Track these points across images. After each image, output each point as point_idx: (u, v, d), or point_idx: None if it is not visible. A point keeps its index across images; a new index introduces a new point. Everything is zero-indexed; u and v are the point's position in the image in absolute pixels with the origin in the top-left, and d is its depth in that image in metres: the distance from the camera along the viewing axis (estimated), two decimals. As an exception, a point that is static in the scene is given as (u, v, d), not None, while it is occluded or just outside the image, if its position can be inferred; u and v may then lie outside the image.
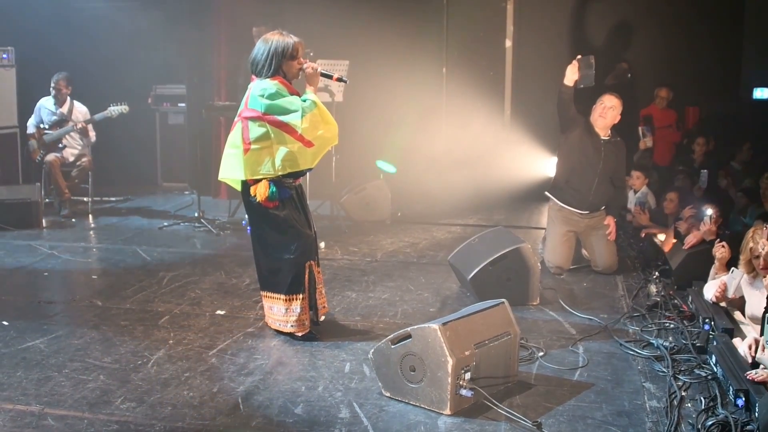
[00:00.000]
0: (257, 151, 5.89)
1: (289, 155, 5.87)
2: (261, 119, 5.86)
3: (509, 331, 5.18)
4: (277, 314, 6.14)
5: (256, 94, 5.90)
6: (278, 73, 5.97)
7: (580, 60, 7.80)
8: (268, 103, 5.84)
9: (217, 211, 10.86)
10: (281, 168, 5.89)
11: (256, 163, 5.91)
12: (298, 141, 5.84)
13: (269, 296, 6.17)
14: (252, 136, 5.89)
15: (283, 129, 5.84)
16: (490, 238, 7.44)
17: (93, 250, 9.16)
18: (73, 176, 10.90)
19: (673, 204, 9.28)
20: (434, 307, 7.04)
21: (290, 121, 5.82)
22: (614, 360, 5.75)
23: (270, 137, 5.87)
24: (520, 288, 7.01)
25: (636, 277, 7.96)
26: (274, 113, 5.84)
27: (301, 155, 5.91)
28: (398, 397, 4.97)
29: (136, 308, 6.89)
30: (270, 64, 5.94)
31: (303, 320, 6.08)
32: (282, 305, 6.08)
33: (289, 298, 6.05)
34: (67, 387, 5.15)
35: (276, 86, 5.89)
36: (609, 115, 8.00)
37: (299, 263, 6.03)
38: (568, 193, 8.17)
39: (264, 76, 5.96)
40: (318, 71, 6.12)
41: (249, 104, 5.95)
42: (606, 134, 8.08)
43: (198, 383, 5.25)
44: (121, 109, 10.68)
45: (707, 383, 5.23)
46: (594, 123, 8.07)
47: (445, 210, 11.51)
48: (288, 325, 6.09)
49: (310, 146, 5.88)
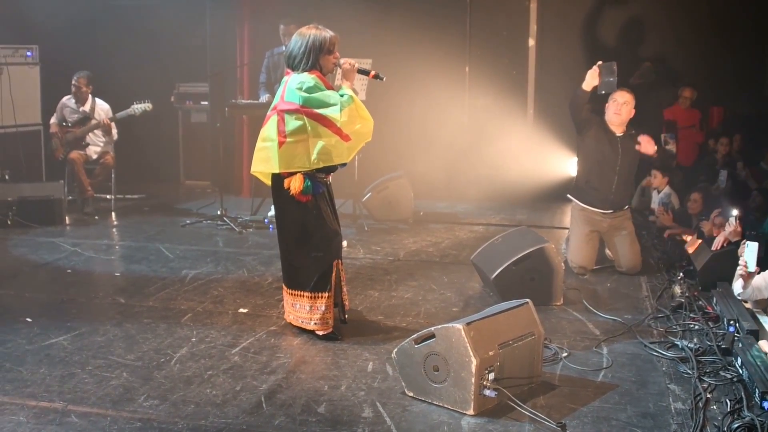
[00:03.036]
0: (292, 144, 5.89)
1: (325, 149, 5.87)
2: (298, 112, 5.86)
3: (533, 332, 5.16)
4: (300, 311, 6.13)
5: (294, 87, 5.90)
6: (315, 67, 5.99)
7: (601, 66, 7.74)
8: (307, 96, 5.84)
9: (239, 209, 10.88)
10: (317, 161, 5.88)
11: (291, 156, 5.90)
12: (335, 134, 5.84)
13: (293, 293, 6.16)
14: (288, 128, 5.88)
15: (321, 122, 5.83)
16: (514, 238, 7.41)
17: (116, 248, 9.20)
18: (96, 174, 10.93)
19: (697, 204, 9.25)
20: (457, 306, 7.02)
21: (329, 114, 5.82)
22: (638, 361, 5.71)
23: (306, 130, 5.86)
24: (544, 288, 6.98)
25: (660, 278, 7.90)
26: (313, 106, 5.84)
27: (337, 149, 5.90)
28: (421, 397, 4.96)
29: (159, 306, 6.90)
30: (307, 58, 5.95)
31: (327, 319, 6.08)
32: (306, 302, 6.08)
33: (314, 295, 6.04)
34: (91, 384, 5.17)
35: (314, 80, 5.90)
36: (624, 111, 7.96)
37: (327, 261, 6.04)
38: (589, 193, 8.13)
39: (301, 70, 5.97)
40: (355, 67, 6.15)
41: (286, 97, 5.94)
42: (622, 131, 8.04)
43: (221, 381, 5.25)
44: (145, 106, 10.71)
45: (733, 385, 5.19)
46: (610, 122, 8.03)
47: (468, 209, 11.51)
48: (311, 323, 6.09)
49: (347, 140, 5.89)
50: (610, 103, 8.01)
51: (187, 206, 11.68)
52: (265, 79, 10.62)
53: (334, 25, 10.25)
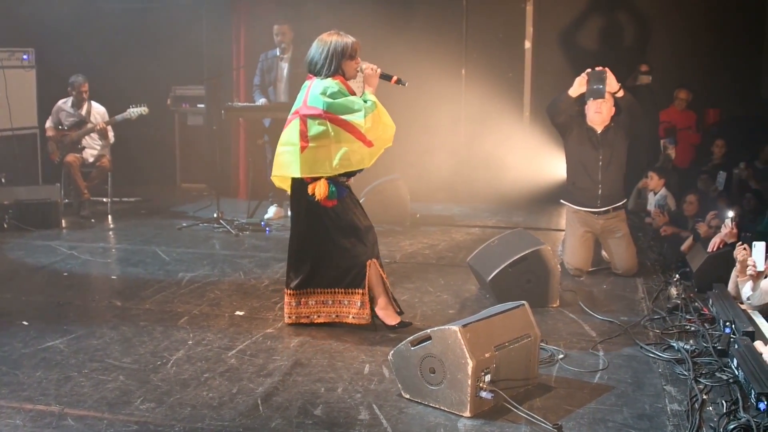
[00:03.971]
0: (315, 149, 5.93)
1: (347, 154, 5.91)
2: (321, 117, 5.90)
3: (529, 333, 5.16)
4: (336, 306, 6.24)
5: (318, 92, 5.93)
6: (338, 72, 6.03)
7: (590, 73, 7.75)
8: (331, 101, 5.89)
9: (236, 212, 10.89)
10: (339, 167, 5.93)
11: (313, 160, 5.94)
12: (359, 140, 5.89)
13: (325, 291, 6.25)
14: (311, 133, 5.92)
15: (345, 128, 5.88)
16: (510, 240, 7.42)
17: (112, 251, 9.19)
18: (92, 177, 10.93)
19: (693, 206, 9.26)
20: (453, 308, 7.02)
21: (353, 120, 5.86)
22: (634, 363, 5.72)
23: (329, 135, 5.90)
24: (540, 290, 6.98)
25: (656, 280, 7.91)
26: (337, 112, 5.88)
27: (360, 155, 5.96)
28: (418, 399, 4.96)
29: (156, 309, 6.90)
30: (330, 64, 6.00)
31: (362, 314, 6.17)
32: (343, 298, 6.20)
33: (348, 291, 6.16)
34: (87, 387, 5.16)
35: (338, 85, 5.95)
36: (604, 109, 7.96)
37: (362, 259, 6.13)
38: (578, 194, 8.15)
39: (324, 75, 6.01)
40: (378, 72, 6.17)
41: (309, 102, 5.98)
42: (602, 128, 8.04)
43: (217, 384, 5.25)
44: (141, 110, 10.72)
45: (729, 387, 5.20)
46: (591, 121, 8.04)
47: (464, 211, 11.52)
48: (350, 317, 6.21)
49: (370, 146, 5.96)
50: (590, 104, 8.01)
51: (183, 209, 11.68)
52: (259, 82, 10.62)
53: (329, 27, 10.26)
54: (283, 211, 10.94)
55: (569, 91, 7.89)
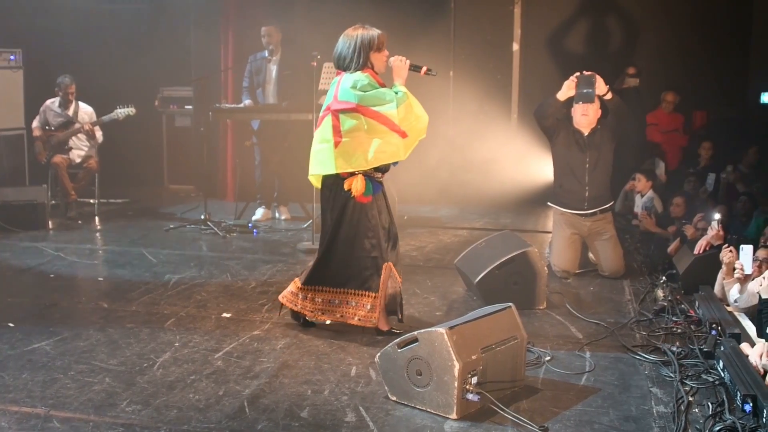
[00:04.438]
0: (349, 144, 5.90)
1: (382, 146, 5.89)
2: (354, 111, 5.88)
3: (516, 336, 5.17)
4: (341, 307, 6.19)
5: (348, 86, 5.92)
6: (367, 65, 6.02)
7: (579, 77, 7.76)
8: (362, 94, 5.87)
9: (223, 214, 10.88)
10: (374, 160, 5.91)
11: (348, 155, 5.91)
12: (393, 131, 5.88)
13: (340, 291, 6.20)
14: (344, 128, 5.90)
15: (379, 120, 5.85)
16: (497, 242, 7.43)
17: (99, 252, 9.18)
18: (79, 178, 10.90)
19: (679, 208, 9.29)
20: (441, 310, 7.03)
21: (386, 111, 5.84)
22: (621, 365, 5.73)
23: (363, 128, 5.88)
24: (527, 292, 6.99)
25: (643, 282, 7.93)
26: (369, 104, 5.87)
27: (395, 146, 5.93)
28: (404, 401, 4.96)
29: (142, 311, 6.89)
30: (359, 57, 5.99)
31: (370, 317, 6.11)
32: (352, 299, 6.14)
33: (361, 293, 6.11)
34: (73, 389, 5.15)
35: (368, 78, 5.94)
36: (591, 111, 7.99)
37: (379, 262, 6.08)
38: (565, 196, 8.18)
39: (353, 69, 6.00)
40: (407, 63, 6.15)
41: (340, 96, 5.95)
42: (588, 130, 8.06)
43: (204, 386, 5.24)
44: (128, 111, 10.70)
45: (714, 388, 5.21)
46: (578, 124, 8.07)
47: (452, 213, 11.53)
48: (356, 318, 6.15)
49: (404, 137, 5.93)
50: (576, 106, 8.03)
51: (170, 210, 11.66)
52: (247, 84, 10.61)
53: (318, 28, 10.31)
54: (270, 213, 10.94)
55: (557, 95, 7.91)
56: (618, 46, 12.30)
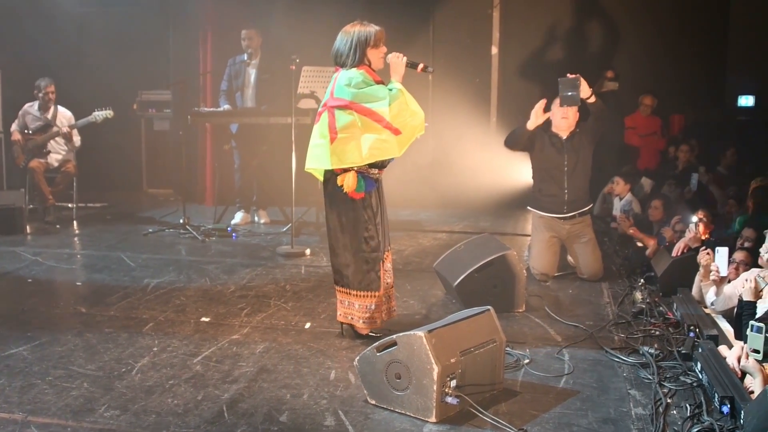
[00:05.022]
0: (344, 140, 5.90)
1: (376, 143, 5.87)
2: (348, 107, 5.88)
3: (495, 339, 5.17)
4: (349, 308, 6.18)
5: (343, 83, 5.93)
6: (363, 62, 6.02)
7: (562, 80, 7.75)
8: (355, 91, 5.87)
9: (202, 218, 10.86)
10: (368, 156, 5.90)
11: (342, 151, 5.91)
12: (386, 129, 5.86)
13: (342, 291, 6.22)
14: (339, 124, 5.90)
15: (371, 117, 5.85)
16: (476, 245, 7.43)
17: (77, 257, 9.13)
18: (57, 182, 10.85)
19: (658, 211, 9.33)
20: (420, 314, 7.03)
21: (378, 108, 5.84)
22: (600, 367, 5.74)
23: (357, 125, 5.87)
24: (506, 295, 7.00)
25: (621, 284, 7.96)
26: (362, 101, 5.86)
27: (389, 143, 5.91)
28: (383, 405, 4.95)
29: (121, 315, 6.86)
30: (354, 53, 5.99)
31: (375, 318, 6.13)
32: (355, 300, 6.13)
33: (364, 294, 6.09)
34: (51, 395, 5.12)
35: (362, 75, 5.93)
36: (571, 114, 8.02)
37: (374, 259, 6.09)
38: (544, 201, 8.20)
39: (349, 66, 6.00)
40: (403, 60, 6.16)
41: (335, 93, 5.97)
42: (567, 134, 8.09)
43: (182, 391, 5.22)
44: (106, 113, 10.65)
45: (692, 390, 5.23)
46: (558, 127, 8.09)
47: (431, 217, 11.55)
48: (360, 321, 6.15)
49: (397, 134, 5.90)
50: (555, 110, 8.05)
51: (149, 215, 11.63)
52: (226, 87, 10.60)
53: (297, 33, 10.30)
54: (249, 217, 10.93)
55: (527, 124, 7.94)
56: (596, 50, 12.36)
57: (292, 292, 7.61)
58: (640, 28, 12.04)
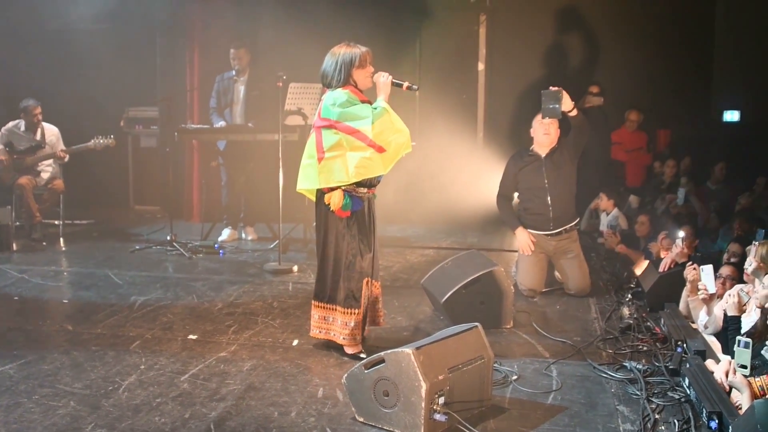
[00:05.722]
0: (331, 160, 5.98)
1: (361, 161, 5.93)
2: (334, 127, 5.96)
3: (483, 355, 5.18)
4: (333, 324, 6.22)
5: (329, 103, 6.02)
6: (348, 82, 6.10)
7: (545, 93, 7.75)
8: (340, 110, 5.95)
9: (189, 235, 10.82)
10: (354, 174, 5.95)
11: (330, 171, 5.99)
12: (370, 147, 5.92)
13: (325, 306, 6.25)
14: (326, 144, 5.98)
15: (355, 136, 5.92)
16: (464, 262, 7.44)
17: (64, 274, 9.09)
18: (44, 199, 10.80)
19: (644, 227, 9.36)
20: (408, 330, 7.02)
21: (361, 127, 5.90)
22: (588, 383, 5.75)
23: (343, 145, 5.95)
24: (494, 311, 7.01)
25: (609, 300, 7.97)
26: (346, 120, 5.94)
27: (373, 161, 5.96)
28: (372, 422, 4.94)
29: (108, 333, 6.83)
30: (340, 75, 6.08)
31: (355, 335, 6.15)
32: (338, 317, 6.16)
33: (345, 311, 6.13)
34: (37, 413, 5.09)
35: (347, 95, 6.00)
36: (552, 130, 8.06)
37: (357, 278, 6.12)
38: (529, 219, 8.24)
39: (335, 86, 6.09)
40: (389, 79, 6.21)
41: (322, 114, 6.06)
42: (546, 151, 8.12)
43: (170, 409, 5.20)
44: (108, 142, 10.59)
45: (680, 406, 5.24)
46: (540, 144, 8.13)
47: (419, 233, 11.55)
48: (340, 338, 6.17)
49: (381, 151, 5.96)
50: (537, 126, 8.09)
51: (136, 231, 11.59)
52: (215, 104, 10.60)
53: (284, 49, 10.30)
54: (236, 234, 10.91)
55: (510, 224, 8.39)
56: (582, 66, 12.40)
57: (280, 309, 7.59)
58: (626, 43, 12.09)
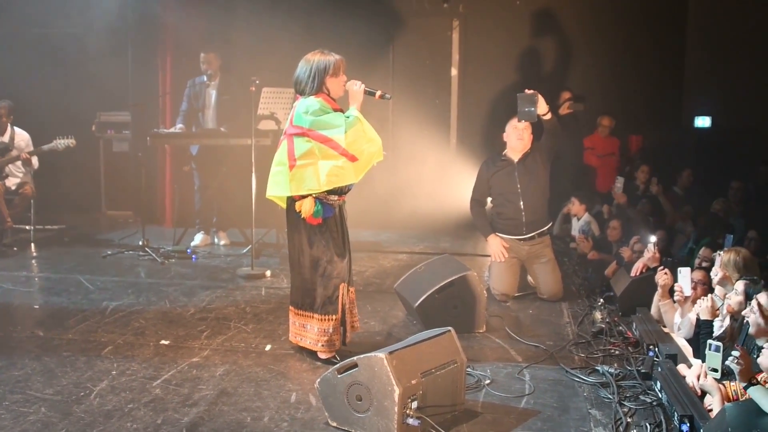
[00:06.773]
0: (303, 167, 5.97)
1: (333, 170, 5.93)
2: (306, 135, 5.96)
3: (456, 360, 5.18)
4: (309, 332, 6.19)
5: (301, 111, 6.00)
6: (321, 90, 6.10)
7: (521, 96, 7.77)
8: (313, 119, 5.94)
9: (161, 240, 10.77)
10: (326, 183, 5.95)
11: (301, 178, 5.97)
12: (342, 156, 5.93)
13: (302, 314, 6.23)
14: (298, 152, 5.97)
15: (328, 144, 5.92)
16: (436, 266, 7.45)
17: (35, 280, 9.03)
18: (14, 204, 10.71)
19: (616, 231, 9.40)
20: (381, 335, 7.02)
21: (334, 135, 5.91)
22: (560, 387, 5.77)
23: (315, 153, 5.95)
24: (467, 316, 7.02)
25: (581, 304, 8.00)
26: (318, 128, 5.93)
27: (345, 170, 5.97)
28: (345, 427, 4.94)
29: (79, 338, 6.78)
30: (313, 82, 6.07)
31: (333, 341, 6.15)
32: (315, 324, 6.14)
33: (322, 317, 6.12)
34: (8, 420, 5.05)
35: (320, 103, 6.00)
36: (525, 135, 8.11)
37: (334, 284, 6.12)
38: (502, 224, 8.26)
39: (308, 94, 6.08)
40: (362, 88, 6.22)
41: (294, 121, 6.04)
42: (519, 156, 8.16)
43: (142, 415, 5.17)
44: (68, 142, 10.53)
45: (652, 409, 5.27)
46: (513, 148, 8.17)
47: (392, 238, 11.56)
48: (318, 345, 6.15)
49: (354, 160, 5.97)
50: (511, 131, 8.12)
51: (108, 237, 11.53)
52: (186, 108, 10.57)
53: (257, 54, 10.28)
54: (209, 239, 10.88)
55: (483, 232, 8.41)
56: (555, 71, 12.46)
57: (253, 314, 7.58)
58: (599, 49, 12.17)
